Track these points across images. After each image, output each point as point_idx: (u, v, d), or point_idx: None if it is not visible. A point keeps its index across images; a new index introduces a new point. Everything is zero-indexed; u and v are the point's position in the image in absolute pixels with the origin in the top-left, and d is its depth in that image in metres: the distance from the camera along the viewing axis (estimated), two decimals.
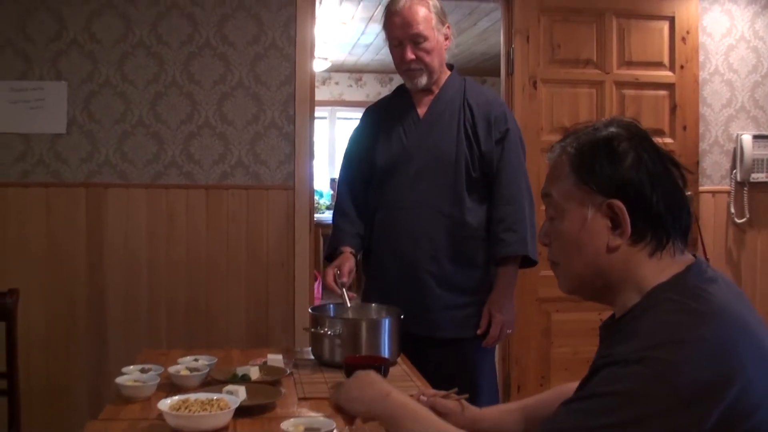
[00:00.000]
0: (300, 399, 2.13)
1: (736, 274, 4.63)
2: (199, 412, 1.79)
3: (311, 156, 4.08)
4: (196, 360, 2.34)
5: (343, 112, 11.58)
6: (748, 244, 4.66)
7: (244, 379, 2.19)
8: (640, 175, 1.40)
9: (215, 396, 1.90)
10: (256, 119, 4.01)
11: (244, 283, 4.01)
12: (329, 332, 2.46)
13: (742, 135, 4.55)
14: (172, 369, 2.21)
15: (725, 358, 1.25)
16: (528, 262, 2.91)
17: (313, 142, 4.08)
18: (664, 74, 4.44)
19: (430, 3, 2.83)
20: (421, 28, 2.79)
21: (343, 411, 1.64)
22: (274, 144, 4.03)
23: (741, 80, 4.61)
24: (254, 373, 2.25)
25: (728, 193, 4.61)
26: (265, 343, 3.94)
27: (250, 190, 4.02)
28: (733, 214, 4.60)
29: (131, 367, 2.23)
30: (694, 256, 1.45)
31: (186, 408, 1.81)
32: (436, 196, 2.84)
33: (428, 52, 2.82)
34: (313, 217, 4.16)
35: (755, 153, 4.54)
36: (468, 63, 10.14)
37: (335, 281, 2.73)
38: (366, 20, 8.00)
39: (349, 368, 2.27)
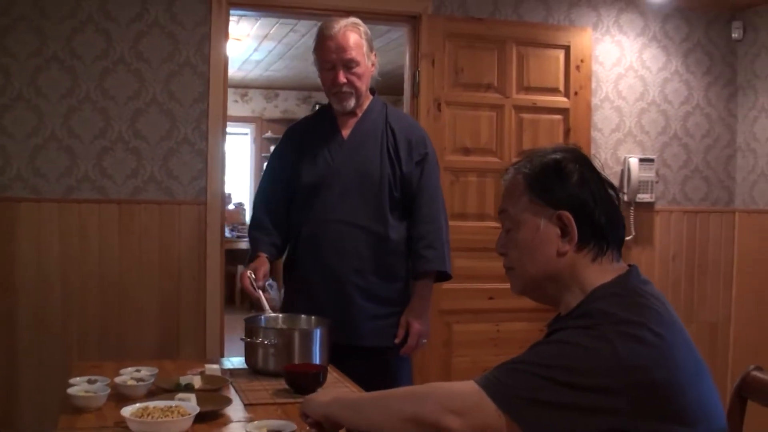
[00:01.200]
0: (246, 405, 2.23)
1: None
2: (161, 418, 1.87)
3: (223, 172, 4.16)
4: (138, 371, 2.40)
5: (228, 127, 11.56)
6: (633, 259, 4.98)
7: (188, 388, 2.27)
8: (584, 191, 1.64)
9: (173, 403, 1.98)
10: (170, 135, 4.07)
11: (156, 296, 4.05)
12: (265, 342, 2.57)
13: (629, 158, 4.88)
14: (118, 379, 2.27)
15: (660, 343, 1.46)
16: (442, 276, 3.09)
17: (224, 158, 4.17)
18: (559, 100, 4.72)
19: (362, 30, 2.98)
20: (354, 53, 2.93)
21: (307, 416, 1.77)
22: (186, 160, 4.10)
23: (629, 107, 4.95)
24: (197, 382, 2.33)
25: None
26: (176, 353, 3.99)
27: (162, 205, 4.06)
28: None
29: (77, 378, 2.28)
30: (629, 265, 1.67)
31: (148, 415, 1.89)
32: (361, 214, 2.98)
33: (359, 76, 2.96)
34: (224, 231, 4.24)
35: (641, 175, 4.88)
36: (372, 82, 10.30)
37: (251, 284, 2.84)
38: (260, 38, 8.08)
39: (289, 376, 2.38)
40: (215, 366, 2.54)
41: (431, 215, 3.04)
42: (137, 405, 1.95)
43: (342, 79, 2.94)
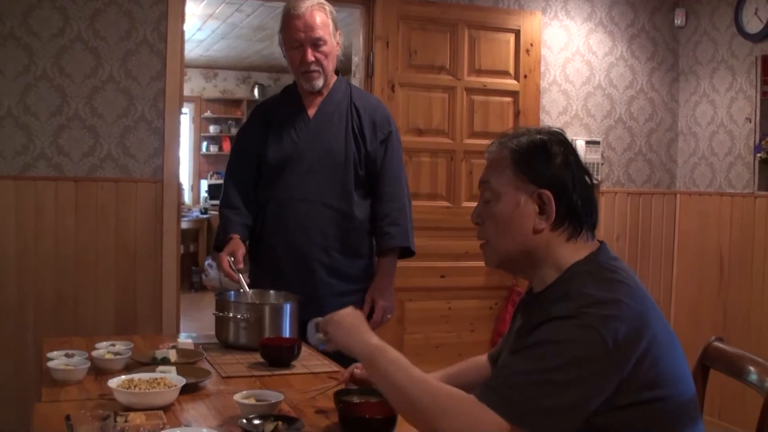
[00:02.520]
0: (224, 377, 2.28)
1: None
2: (148, 389, 1.92)
3: (178, 149, 4.18)
4: (113, 345, 2.44)
5: None
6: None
7: (164, 362, 2.32)
8: (566, 173, 1.71)
9: (157, 375, 2.02)
10: (126, 113, 4.06)
11: (113, 274, 4.05)
12: (239, 316, 2.62)
13: (576, 140, 5.01)
14: (95, 353, 2.31)
15: (638, 317, 1.56)
16: (405, 253, 3.17)
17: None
18: (510, 82, 4.83)
19: (327, 9, 3.03)
20: (321, 32, 2.98)
21: (326, 333, 1.79)
22: (143, 138, 4.10)
23: (576, 90, 5.08)
24: (172, 355, 2.37)
25: None
26: (134, 331, 4.00)
27: (119, 183, 4.06)
28: None
29: (55, 352, 2.31)
30: (599, 242, 1.76)
31: (134, 386, 1.93)
32: (327, 192, 3.04)
33: (326, 55, 3.01)
34: (181, 209, 4.25)
35: (588, 157, 5.01)
36: None
37: (230, 267, 2.87)
38: (205, 17, 8.05)
39: (265, 349, 2.44)
40: (188, 340, 2.59)
41: (395, 193, 3.11)
42: (122, 377, 1.99)
43: (310, 57, 2.98)
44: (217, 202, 10.51)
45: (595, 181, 4.94)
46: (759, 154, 4.71)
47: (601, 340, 1.50)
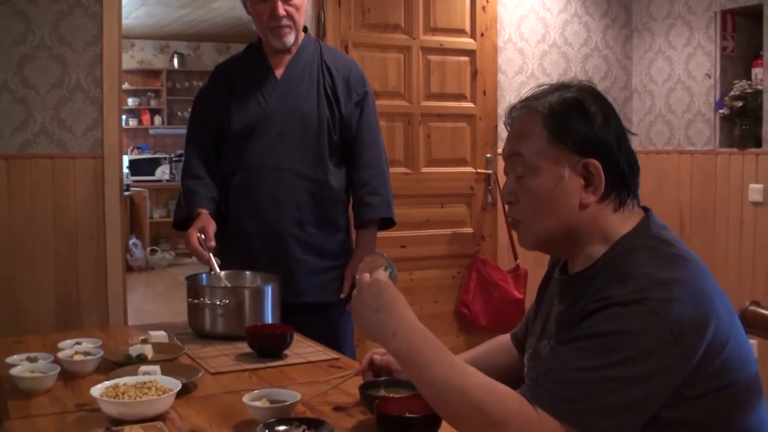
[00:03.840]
0: (213, 374, 2.01)
1: None
2: (139, 397, 1.64)
3: (120, 120, 3.83)
4: (78, 343, 2.13)
5: None
6: None
7: (141, 359, 2.04)
8: (609, 135, 1.49)
9: (145, 378, 1.74)
10: (61, 83, 3.69)
11: (52, 260, 3.70)
12: (217, 302, 2.34)
13: None
14: (62, 355, 2.00)
15: (703, 297, 1.37)
16: (385, 223, 2.93)
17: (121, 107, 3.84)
18: (466, 41, 4.60)
19: None
20: None
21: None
22: (80, 109, 3.74)
23: (531, 49, 4.89)
24: (149, 351, 2.09)
25: None
26: (78, 321, 3.69)
27: (55, 160, 3.70)
28: None
29: (15, 357, 1.99)
30: (644, 208, 1.55)
31: (122, 394, 1.65)
32: (299, 159, 2.77)
33: (297, 8, 2.73)
34: (123, 187, 3.92)
35: None
36: (231, 29, 9.95)
37: (201, 244, 2.58)
38: None
39: (253, 338, 2.18)
40: (161, 332, 2.29)
41: (374, 159, 2.87)
42: (105, 384, 1.70)
43: (281, 11, 2.69)
44: (140, 178, 10.29)
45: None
46: (721, 111, 4.59)
47: (667, 328, 1.31)
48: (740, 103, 4.45)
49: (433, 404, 1.38)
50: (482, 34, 4.61)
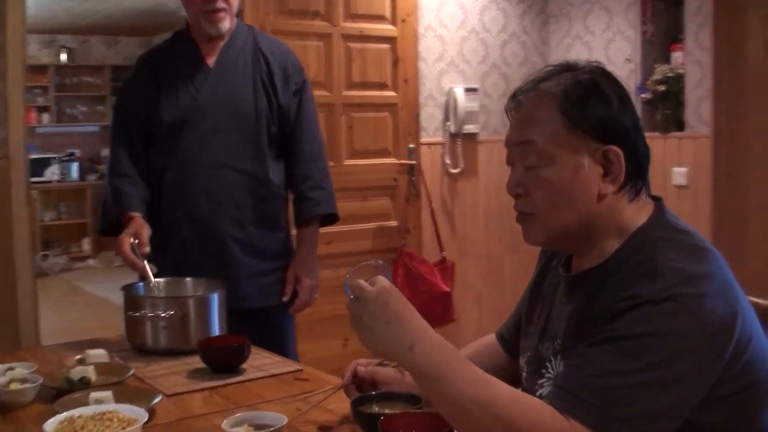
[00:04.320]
0: (170, 396, 1.80)
1: (450, 222, 4.80)
2: (101, 431, 1.42)
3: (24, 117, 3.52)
4: (11, 369, 1.88)
5: None
6: (460, 192, 4.86)
7: (84, 384, 1.81)
8: (626, 119, 1.38)
9: (102, 408, 1.52)
10: None
11: None
12: (160, 314, 2.12)
13: (454, 88, 4.70)
14: None
15: (730, 291, 1.28)
16: (327, 219, 2.75)
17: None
18: (387, 28, 4.46)
19: None
20: None
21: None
22: None
23: (451, 35, 4.77)
24: (91, 374, 1.86)
25: (443, 144, 4.75)
26: None
27: None
28: (448, 164, 4.75)
29: None
30: (654, 197, 1.44)
31: (81, 429, 1.42)
32: (237, 154, 2.55)
33: None
34: (30, 188, 3.61)
35: (466, 105, 4.72)
36: (123, 21, 9.54)
37: (134, 252, 2.34)
38: None
39: (208, 352, 1.98)
40: (100, 351, 2.05)
41: (314, 151, 2.68)
42: (58, 418, 1.47)
43: None
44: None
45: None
46: (643, 95, 4.57)
47: (700, 326, 1.21)
48: (662, 87, 4.44)
49: (455, 421, 1.23)
50: (403, 21, 4.47)
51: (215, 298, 2.23)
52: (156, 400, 1.66)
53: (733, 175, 4.27)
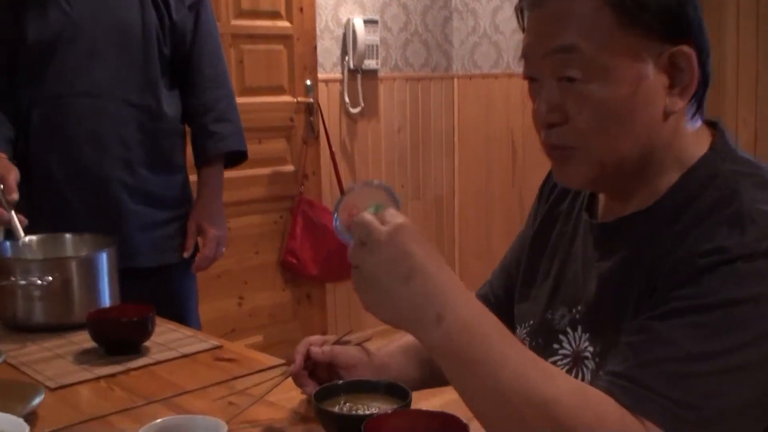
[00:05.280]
0: (53, 390, 1.35)
1: (350, 164, 4.43)
2: None
3: None
4: None
5: None
6: (361, 134, 4.48)
7: None
8: (689, 8, 1.00)
9: None
10: None
11: None
12: (35, 281, 1.66)
13: (353, 19, 4.28)
14: None
15: None
16: (234, 158, 2.33)
17: None
18: None
19: None
20: None
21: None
22: None
23: None
24: None
25: (341, 81, 4.34)
26: None
27: None
28: (347, 103, 4.35)
29: None
30: (708, 121, 1.10)
31: None
32: (122, 82, 2.08)
33: None
34: None
35: (367, 39, 4.31)
36: None
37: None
38: None
39: (100, 328, 1.53)
40: None
41: (218, 77, 2.25)
42: None
43: None
44: None
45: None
46: None
47: None
48: None
49: (490, 414, 0.87)
50: None
51: (104, 258, 1.78)
52: (37, 401, 1.22)
53: None
